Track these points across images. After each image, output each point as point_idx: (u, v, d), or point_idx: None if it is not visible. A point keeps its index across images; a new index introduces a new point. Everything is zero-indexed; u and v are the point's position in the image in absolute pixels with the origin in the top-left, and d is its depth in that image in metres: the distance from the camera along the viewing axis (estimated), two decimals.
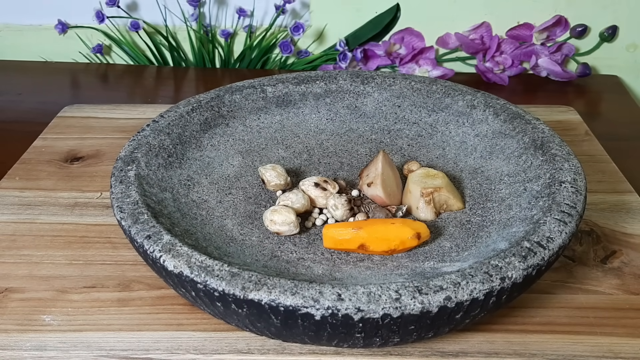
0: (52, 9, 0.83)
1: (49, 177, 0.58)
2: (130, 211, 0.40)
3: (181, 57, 0.86)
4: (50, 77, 0.82)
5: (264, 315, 0.34)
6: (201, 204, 0.47)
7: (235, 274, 0.35)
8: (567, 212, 0.40)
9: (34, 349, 0.41)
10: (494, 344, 0.41)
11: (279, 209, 0.45)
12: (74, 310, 0.44)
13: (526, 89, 0.80)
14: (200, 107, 0.52)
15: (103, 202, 0.54)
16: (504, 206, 0.45)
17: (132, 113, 0.68)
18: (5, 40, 0.86)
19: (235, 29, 0.84)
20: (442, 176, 0.48)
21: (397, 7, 0.82)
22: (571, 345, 0.41)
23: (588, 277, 0.47)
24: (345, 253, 0.44)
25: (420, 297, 0.33)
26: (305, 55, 0.84)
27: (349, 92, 0.57)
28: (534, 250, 0.37)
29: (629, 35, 0.82)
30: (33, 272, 0.47)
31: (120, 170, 0.44)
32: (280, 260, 0.43)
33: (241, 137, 0.54)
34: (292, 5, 0.83)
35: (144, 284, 0.46)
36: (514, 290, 0.36)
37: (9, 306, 0.44)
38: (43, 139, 0.64)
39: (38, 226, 0.51)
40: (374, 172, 0.48)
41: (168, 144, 0.49)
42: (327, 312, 0.33)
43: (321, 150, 0.55)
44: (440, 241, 0.44)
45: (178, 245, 0.37)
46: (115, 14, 0.82)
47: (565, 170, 0.44)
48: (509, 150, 0.49)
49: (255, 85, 0.55)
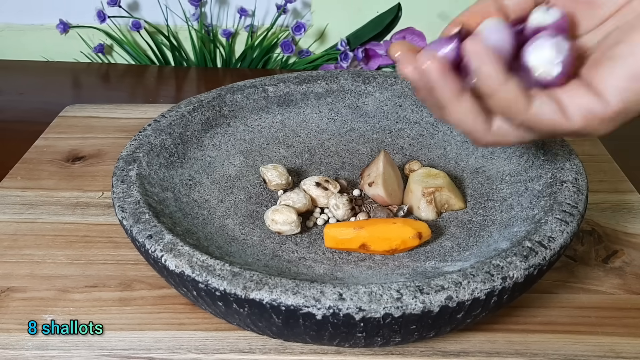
0: (54, 9, 0.83)
1: (51, 177, 0.58)
2: (132, 211, 0.40)
3: (182, 56, 0.86)
4: (51, 76, 0.82)
5: (266, 315, 0.34)
6: (202, 204, 0.47)
7: (237, 274, 0.35)
8: (568, 211, 0.40)
9: (35, 348, 0.41)
10: (495, 344, 0.41)
11: (280, 208, 0.45)
12: (76, 310, 0.44)
13: None
14: (202, 106, 0.52)
15: (104, 202, 0.54)
16: (506, 206, 0.45)
17: (133, 113, 0.68)
18: (7, 40, 0.86)
19: (236, 29, 0.84)
20: (444, 176, 0.48)
21: (399, 6, 0.82)
22: (573, 345, 0.41)
23: (589, 276, 0.47)
24: (347, 252, 0.44)
25: (421, 296, 0.33)
26: (307, 55, 0.84)
27: (350, 92, 0.56)
28: (535, 250, 0.37)
29: None
30: (35, 272, 0.47)
31: (122, 170, 0.44)
32: (282, 260, 0.43)
33: (242, 136, 0.54)
34: (294, 5, 0.83)
35: (145, 283, 0.46)
36: (515, 290, 0.36)
37: (11, 305, 0.44)
38: (45, 139, 0.64)
39: (40, 226, 0.52)
40: (375, 172, 0.48)
41: (169, 144, 0.49)
42: (328, 311, 0.33)
43: (322, 150, 0.55)
44: (441, 241, 0.44)
45: (179, 245, 0.37)
46: (116, 13, 0.82)
47: (567, 169, 0.44)
48: (510, 149, 0.49)
49: (257, 85, 0.55)
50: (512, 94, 0.31)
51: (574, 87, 0.32)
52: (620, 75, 0.30)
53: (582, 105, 0.31)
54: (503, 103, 0.31)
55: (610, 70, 0.31)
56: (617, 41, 0.31)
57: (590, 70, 0.32)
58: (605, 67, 0.31)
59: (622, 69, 0.30)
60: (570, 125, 0.31)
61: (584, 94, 0.31)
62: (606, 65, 0.31)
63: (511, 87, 0.31)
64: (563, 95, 0.31)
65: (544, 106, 0.31)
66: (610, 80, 0.30)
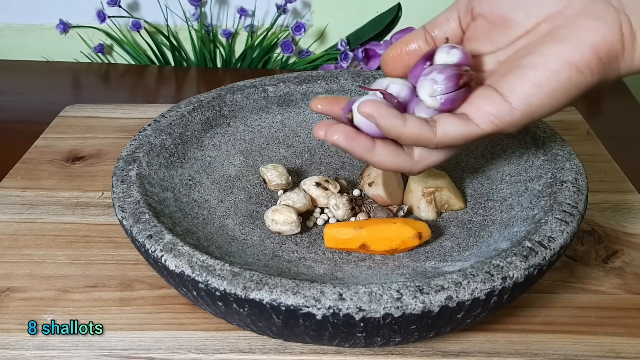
0: (54, 9, 0.83)
1: (51, 177, 0.58)
2: (132, 211, 0.40)
3: (182, 56, 0.86)
4: (51, 76, 0.82)
5: (265, 315, 0.34)
6: (202, 204, 0.47)
7: (237, 274, 0.35)
8: (568, 211, 0.40)
9: (35, 348, 0.41)
10: (495, 344, 0.41)
11: (280, 208, 0.45)
12: (76, 310, 0.44)
13: None
14: (202, 106, 0.52)
15: (104, 202, 0.54)
16: (506, 206, 0.45)
17: (133, 113, 0.68)
18: (7, 39, 0.86)
19: (236, 29, 0.84)
20: (444, 176, 0.48)
21: (399, 6, 0.82)
22: (573, 345, 0.41)
23: (590, 276, 0.47)
24: (347, 253, 0.44)
25: (421, 296, 0.33)
26: (307, 55, 0.84)
27: (350, 92, 0.56)
28: (535, 250, 0.37)
29: None
30: (35, 272, 0.47)
31: (122, 170, 0.44)
32: (282, 260, 0.43)
33: (242, 136, 0.54)
34: (294, 5, 0.83)
35: (145, 283, 0.46)
36: (515, 289, 0.36)
37: (11, 305, 0.44)
38: (44, 139, 0.64)
39: (40, 226, 0.52)
40: (375, 172, 0.48)
41: (169, 144, 0.49)
42: (328, 311, 0.33)
43: (322, 150, 0.55)
44: (441, 241, 0.44)
45: (179, 245, 0.37)
46: (116, 13, 0.82)
47: (567, 169, 0.44)
48: (510, 149, 0.49)
49: (257, 85, 0.55)
50: (414, 130, 0.35)
51: (481, 96, 0.35)
52: (527, 83, 0.34)
53: (491, 112, 0.35)
54: (412, 139, 0.35)
55: (519, 78, 0.34)
56: (527, 53, 0.35)
57: (499, 79, 0.35)
58: (515, 76, 0.35)
59: (530, 77, 0.34)
60: (481, 131, 0.35)
61: (492, 102, 0.35)
62: (515, 74, 0.35)
63: (411, 125, 0.35)
64: (470, 107, 0.35)
65: (449, 126, 0.35)
66: (518, 87, 0.34)
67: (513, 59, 0.36)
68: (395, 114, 0.35)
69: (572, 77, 0.33)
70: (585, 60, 0.33)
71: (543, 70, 0.34)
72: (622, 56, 0.33)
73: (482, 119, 0.35)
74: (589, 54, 0.33)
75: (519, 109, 0.34)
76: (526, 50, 0.35)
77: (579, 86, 0.34)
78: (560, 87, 0.34)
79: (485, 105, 0.35)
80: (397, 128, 0.35)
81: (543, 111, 0.35)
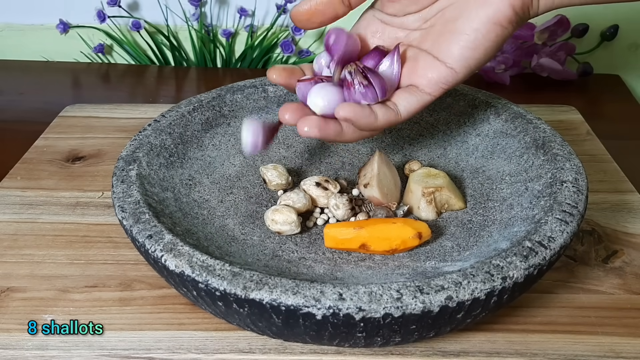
0: (54, 9, 0.83)
1: (51, 177, 0.58)
2: (132, 211, 0.40)
3: (182, 56, 0.86)
4: (51, 76, 0.82)
5: (265, 315, 0.34)
6: (202, 204, 0.47)
7: (237, 274, 0.35)
8: (568, 211, 0.40)
9: (35, 348, 0.41)
10: (495, 344, 0.41)
11: (280, 208, 0.45)
12: (76, 310, 0.44)
13: (527, 88, 0.80)
14: (202, 106, 0.52)
15: (104, 202, 0.54)
16: (506, 206, 0.45)
17: (133, 113, 0.68)
18: (7, 39, 0.86)
19: (236, 29, 0.84)
20: (444, 176, 0.48)
21: None
22: (572, 345, 0.41)
23: (589, 276, 0.47)
24: (347, 253, 0.44)
25: (421, 296, 0.33)
26: (307, 55, 0.84)
27: None
28: (535, 250, 0.37)
29: (630, 35, 0.82)
30: (35, 272, 0.47)
31: (122, 170, 0.44)
32: (282, 260, 0.43)
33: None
34: (294, 5, 0.83)
35: (145, 283, 0.46)
36: (515, 289, 0.36)
37: (11, 305, 0.44)
38: (44, 139, 0.64)
39: (40, 226, 0.52)
40: (370, 173, 0.48)
41: (169, 144, 0.49)
42: (328, 311, 0.33)
43: (322, 150, 0.55)
44: (441, 241, 0.44)
45: (179, 245, 0.37)
46: (116, 13, 0.82)
47: (567, 169, 0.44)
48: (510, 149, 0.49)
49: (257, 85, 0.55)
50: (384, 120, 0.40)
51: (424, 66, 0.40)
52: (463, 49, 0.39)
53: (439, 80, 0.40)
54: (384, 127, 0.41)
55: (455, 44, 0.39)
56: (455, 17, 0.40)
57: (434, 45, 0.40)
58: (450, 42, 0.39)
59: (464, 42, 0.39)
60: (434, 97, 0.41)
61: (436, 70, 0.40)
62: (451, 40, 0.39)
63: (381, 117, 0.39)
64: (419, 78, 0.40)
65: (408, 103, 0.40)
66: (456, 52, 0.39)
67: (443, 22, 0.40)
68: (368, 113, 0.39)
69: (499, 33, 0.39)
70: (507, 16, 0.38)
71: (475, 34, 0.39)
72: (531, 6, 0.39)
73: (432, 88, 0.40)
74: (509, 11, 0.38)
75: (461, 71, 0.40)
76: (453, 12, 0.40)
77: (505, 38, 0.39)
78: (491, 44, 0.39)
79: (430, 74, 0.40)
80: (372, 124, 0.39)
81: (480, 65, 0.40)
